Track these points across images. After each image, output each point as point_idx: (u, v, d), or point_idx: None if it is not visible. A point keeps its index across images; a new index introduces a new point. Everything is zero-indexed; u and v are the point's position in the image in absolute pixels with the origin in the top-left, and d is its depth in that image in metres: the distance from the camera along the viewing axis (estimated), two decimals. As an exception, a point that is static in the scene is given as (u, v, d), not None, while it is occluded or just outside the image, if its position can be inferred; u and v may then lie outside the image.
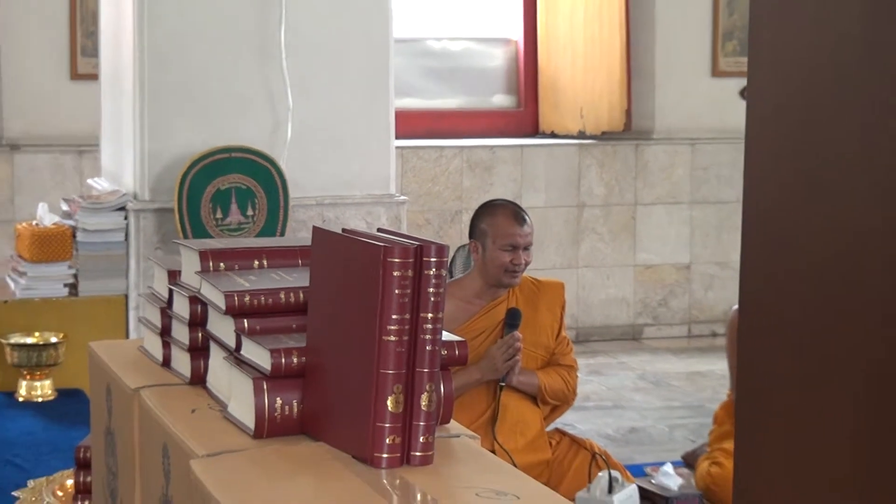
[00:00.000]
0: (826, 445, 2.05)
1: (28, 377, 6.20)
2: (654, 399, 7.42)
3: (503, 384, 5.12)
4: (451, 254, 6.30)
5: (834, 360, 2.04)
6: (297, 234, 5.40)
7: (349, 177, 6.09)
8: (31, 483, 5.03)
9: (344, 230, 2.25)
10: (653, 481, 5.14)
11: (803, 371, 2.10)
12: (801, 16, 2.10)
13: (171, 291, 2.66)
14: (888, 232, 1.91)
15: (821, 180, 2.06)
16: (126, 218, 6.08)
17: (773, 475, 2.18)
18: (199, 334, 2.54)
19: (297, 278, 2.44)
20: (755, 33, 2.20)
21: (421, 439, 2.09)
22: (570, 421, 5.74)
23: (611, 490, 4.65)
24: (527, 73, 8.96)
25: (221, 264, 2.55)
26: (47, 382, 6.25)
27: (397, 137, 6.25)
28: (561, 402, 5.36)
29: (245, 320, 2.36)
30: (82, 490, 4.63)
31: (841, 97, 2.01)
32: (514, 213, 5.28)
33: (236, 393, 2.31)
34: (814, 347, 2.08)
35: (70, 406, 6.16)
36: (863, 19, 1.97)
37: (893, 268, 1.91)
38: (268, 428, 2.23)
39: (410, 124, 7.71)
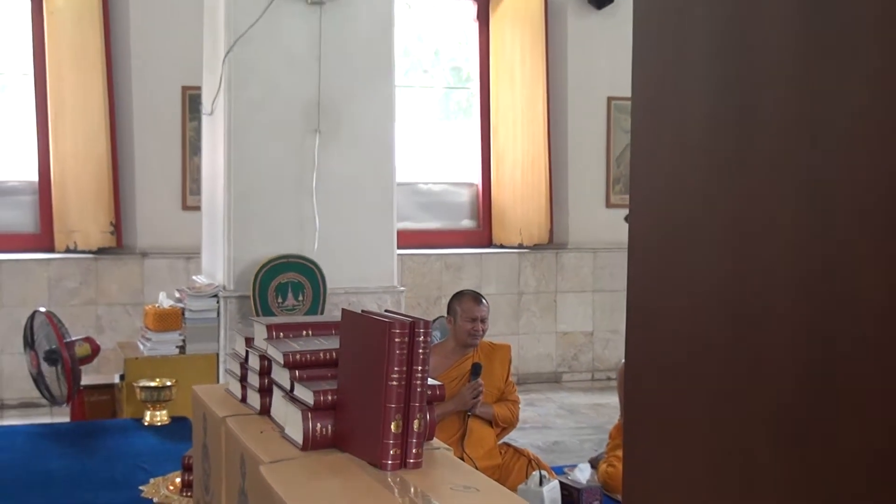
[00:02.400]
0: (684, 456, 2.03)
1: (151, 409, 6.13)
2: (570, 422, 7.36)
3: (470, 413, 5.09)
4: (433, 321, 6.27)
5: (688, 396, 2.01)
6: (332, 313, 5.37)
7: (366, 274, 6.06)
8: (152, 480, 4.98)
9: (363, 311, 2.28)
10: (569, 477, 5.07)
11: (667, 404, 2.09)
12: (662, 169, 2.10)
13: (247, 352, 2.68)
14: (717, 303, 1.89)
15: (677, 277, 2.05)
16: (217, 302, 6.04)
17: (649, 475, 2.16)
18: (266, 380, 2.57)
19: (331, 342, 2.47)
20: (633, 179, 2.20)
21: (414, 451, 2.12)
22: (513, 437, 5.68)
23: (541, 483, 4.62)
24: (484, 205, 8.90)
25: (281, 333, 2.58)
26: (164, 412, 6.17)
27: (398, 248, 6.22)
28: (508, 425, 5.34)
29: (296, 371, 2.40)
30: (186, 485, 4.62)
31: (688, 217, 2.00)
32: (475, 297, 5.28)
33: (290, 420, 2.32)
34: (674, 387, 2.07)
35: (179, 428, 6.07)
36: (707, 163, 1.96)
37: (729, 330, 1.88)
38: (311, 443, 2.25)
39: (407, 239, 7.66)
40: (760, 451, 1.82)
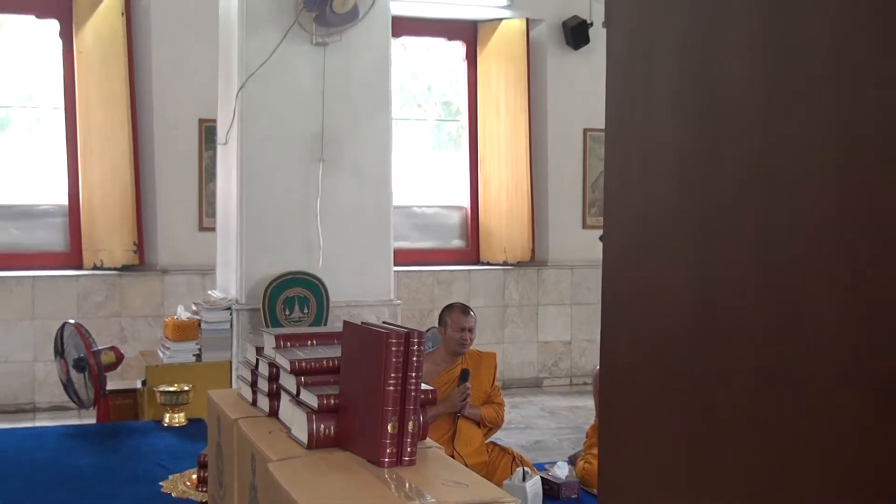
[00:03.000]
0: (653, 452, 2.02)
1: (170, 411, 6.11)
2: (550, 423, 7.35)
3: (459, 415, 5.08)
4: (426, 332, 6.26)
5: (656, 398, 2.01)
6: (334, 324, 5.35)
7: (366, 289, 6.05)
8: (170, 477, 4.96)
9: (363, 322, 2.27)
10: (550, 473, 5.06)
11: (637, 405, 2.08)
12: (634, 193, 2.10)
13: (257, 360, 2.68)
14: (683, 314, 1.89)
15: (647, 288, 2.05)
16: (231, 314, 6.03)
17: (622, 470, 2.15)
18: (274, 385, 2.56)
19: (334, 351, 2.47)
20: (607, 202, 2.20)
21: (409, 450, 2.11)
22: (499, 437, 5.67)
23: (524, 479, 4.60)
24: (472, 226, 8.91)
25: (288, 343, 2.57)
26: (182, 414, 6.15)
27: (394, 265, 6.21)
28: (494, 425, 5.32)
29: (302, 377, 2.39)
30: (202, 481, 4.60)
31: (660, 239, 2.00)
32: (464, 309, 5.28)
33: (296, 422, 2.31)
34: (643, 391, 2.06)
35: (195, 429, 6.05)
36: (673, 194, 1.96)
37: (692, 337, 1.89)
38: (315, 443, 2.23)
39: (402, 257, 7.66)
40: (723, 447, 1.82)
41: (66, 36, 7.78)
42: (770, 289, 1.74)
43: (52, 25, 7.78)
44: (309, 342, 2.60)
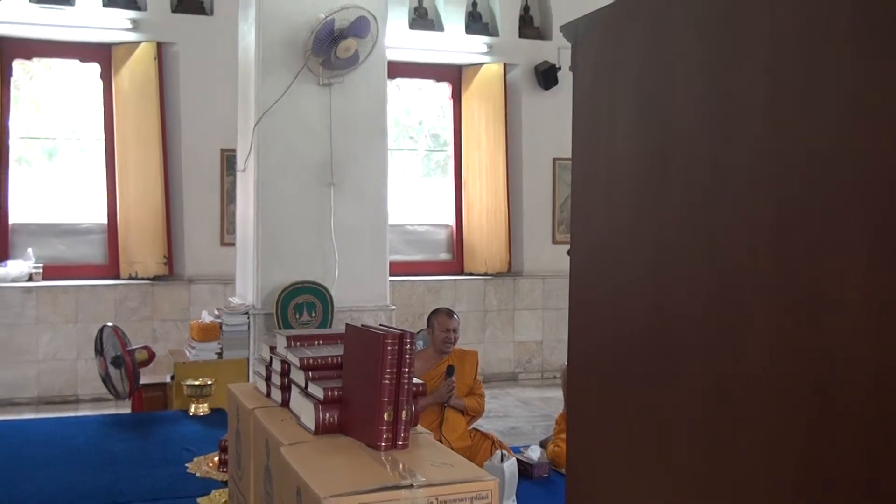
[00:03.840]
0: (614, 437, 2.03)
1: (195, 402, 6.08)
2: (524, 412, 7.33)
3: (446, 405, 5.06)
4: (417, 332, 6.26)
5: (614, 391, 2.02)
6: (338, 326, 5.34)
7: (365, 296, 6.03)
8: (195, 459, 4.95)
9: (363, 325, 2.26)
10: (524, 455, 5.05)
11: (598, 396, 2.09)
12: (596, 214, 2.11)
13: (271, 357, 2.66)
14: (638, 318, 1.90)
15: (608, 296, 2.06)
16: (248, 318, 6.01)
17: (588, 452, 2.16)
18: (286, 380, 2.54)
19: (338, 350, 2.47)
20: (574, 222, 2.21)
21: (402, 435, 2.10)
22: (480, 424, 5.64)
23: (502, 460, 4.58)
24: (457, 242, 8.91)
25: (298, 343, 2.56)
26: (205, 405, 6.12)
27: (390, 275, 6.21)
28: (477, 414, 5.31)
29: (310, 372, 2.38)
30: (223, 463, 4.57)
31: (619, 254, 2.01)
32: (449, 313, 5.28)
33: (304, 411, 2.30)
34: (601, 382, 2.07)
35: (217, 418, 6.03)
36: (630, 215, 1.98)
37: (645, 338, 1.90)
38: (321, 429, 2.23)
39: (397, 269, 7.66)
40: (675, 435, 1.83)
41: (106, 77, 7.78)
42: (713, 297, 1.75)
43: (94, 68, 7.77)
44: (316, 342, 2.59)
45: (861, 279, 1.35)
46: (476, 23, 8.78)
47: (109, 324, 6.73)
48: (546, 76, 8.74)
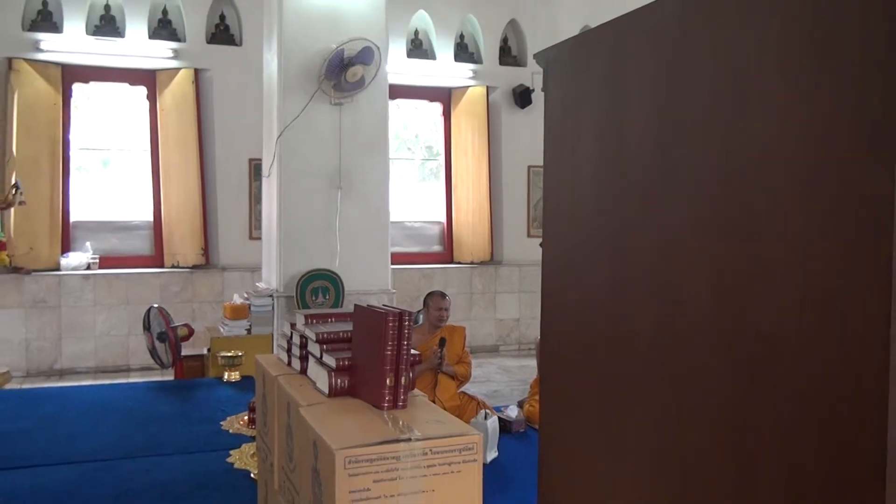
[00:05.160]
0: (579, 397, 2.04)
1: (228, 371, 6.09)
2: (504, 378, 7.34)
3: (439, 371, 5.06)
4: (415, 313, 6.25)
5: (580, 360, 2.02)
6: (347, 307, 5.34)
7: (370, 281, 6.03)
8: (228, 418, 4.95)
9: (368, 305, 2.25)
10: (504, 414, 5.06)
11: (567, 365, 2.10)
12: (564, 212, 2.11)
13: (291, 333, 2.65)
14: (604, 302, 1.90)
15: (574, 282, 2.06)
16: (272, 300, 6.00)
17: (558, 411, 2.16)
18: (304, 351, 2.54)
19: (348, 326, 2.47)
20: (545, 219, 2.21)
21: (402, 397, 2.11)
22: (467, 388, 5.64)
23: (486, 418, 4.60)
24: (447, 235, 8.90)
25: (314, 320, 2.56)
26: (237, 373, 6.13)
27: (391, 264, 6.20)
28: (464, 380, 5.30)
29: (324, 345, 2.36)
30: (251, 421, 4.54)
31: (583, 246, 2.02)
32: (441, 294, 5.28)
33: (320, 377, 2.30)
34: (571, 355, 2.08)
35: (246, 384, 6.03)
36: (592, 213, 1.98)
37: (606, 316, 1.90)
38: (334, 393, 2.24)
39: (397, 259, 7.65)
40: (628, 395, 1.83)
41: (151, 98, 7.73)
42: (661, 284, 1.76)
43: (141, 90, 7.71)
44: (329, 320, 2.58)
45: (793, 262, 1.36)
46: (463, 52, 8.78)
47: (155, 305, 6.71)
48: (522, 97, 8.73)
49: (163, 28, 7.68)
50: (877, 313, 1.19)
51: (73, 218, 7.61)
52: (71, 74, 7.49)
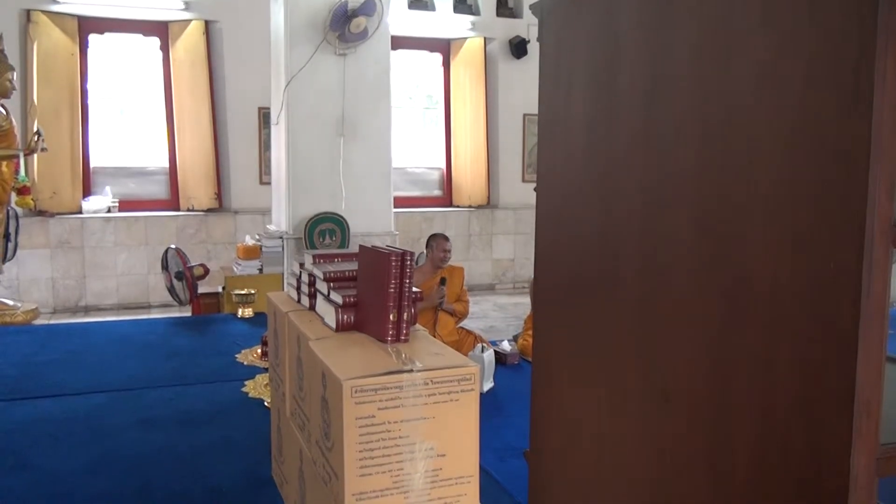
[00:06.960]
0: (567, 333, 2.05)
1: (242, 307, 6.12)
2: (500, 314, 7.37)
3: (439, 308, 5.09)
4: (418, 254, 6.26)
5: (570, 299, 2.03)
6: (353, 248, 5.34)
7: (375, 224, 6.03)
8: (242, 351, 4.99)
9: (373, 246, 2.24)
10: (499, 347, 5.11)
11: (558, 302, 2.11)
12: (557, 158, 2.10)
13: (300, 272, 2.66)
14: (593, 242, 1.90)
15: (565, 225, 2.06)
16: (282, 241, 6.01)
17: (549, 345, 2.18)
18: (312, 289, 2.54)
19: (353, 266, 2.46)
20: (539, 164, 2.20)
21: (404, 331, 2.12)
22: (466, 323, 5.68)
23: (482, 351, 4.64)
24: (447, 181, 8.86)
25: (321, 260, 2.57)
26: (250, 309, 6.16)
27: (394, 208, 6.19)
28: (463, 316, 5.32)
29: (331, 283, 2.37)
30: (264, 354, 4.59)
31: (574, 189, 2.01)
32: (444, 237, 5.26)
33: (327, 313, 2.31)
34: (562, 293, 2.09)
35: (259, 319, 6.08)
36: (582, 158, 1.96)
37: (595, 256, 1.90)
38: (341, 327, 2.25)
39: (399, 202, 7.63)
40: (613, 330, 1.85)
41: (164, 49, 7.61)
42: (648, 225, 1.76)
43: (154, 41, 7.59)
44: (336, 259, 2.58)
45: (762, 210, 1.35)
46: (462, 4, 8.60)
47: (173, 246, 6.72)
48: (518, 48, 8.59)
49: (173, -20, 7.54)
50: (850, 254, 1.19)
51: (92, 164, 7.56)
52: (86, 25, 7.36)
